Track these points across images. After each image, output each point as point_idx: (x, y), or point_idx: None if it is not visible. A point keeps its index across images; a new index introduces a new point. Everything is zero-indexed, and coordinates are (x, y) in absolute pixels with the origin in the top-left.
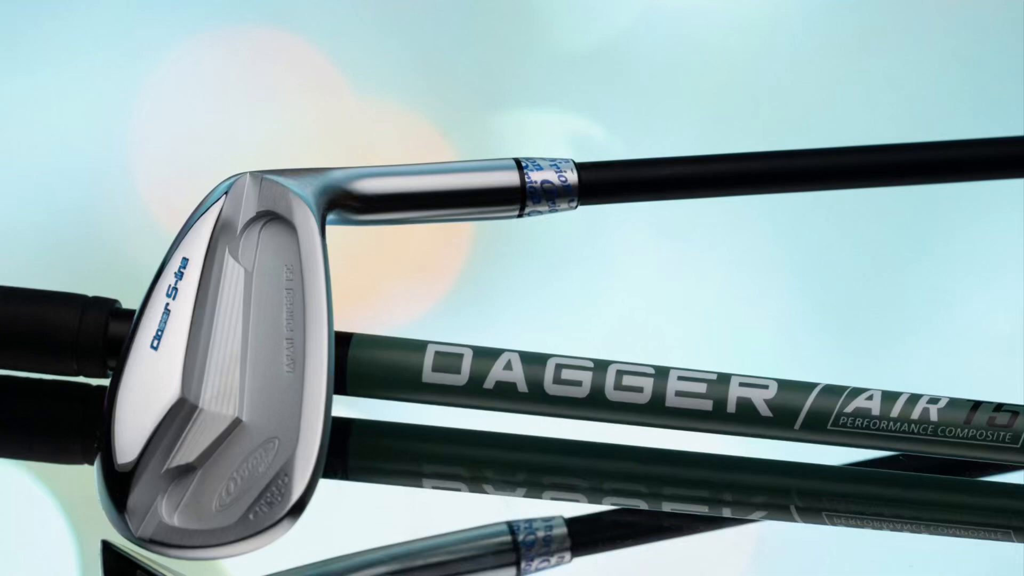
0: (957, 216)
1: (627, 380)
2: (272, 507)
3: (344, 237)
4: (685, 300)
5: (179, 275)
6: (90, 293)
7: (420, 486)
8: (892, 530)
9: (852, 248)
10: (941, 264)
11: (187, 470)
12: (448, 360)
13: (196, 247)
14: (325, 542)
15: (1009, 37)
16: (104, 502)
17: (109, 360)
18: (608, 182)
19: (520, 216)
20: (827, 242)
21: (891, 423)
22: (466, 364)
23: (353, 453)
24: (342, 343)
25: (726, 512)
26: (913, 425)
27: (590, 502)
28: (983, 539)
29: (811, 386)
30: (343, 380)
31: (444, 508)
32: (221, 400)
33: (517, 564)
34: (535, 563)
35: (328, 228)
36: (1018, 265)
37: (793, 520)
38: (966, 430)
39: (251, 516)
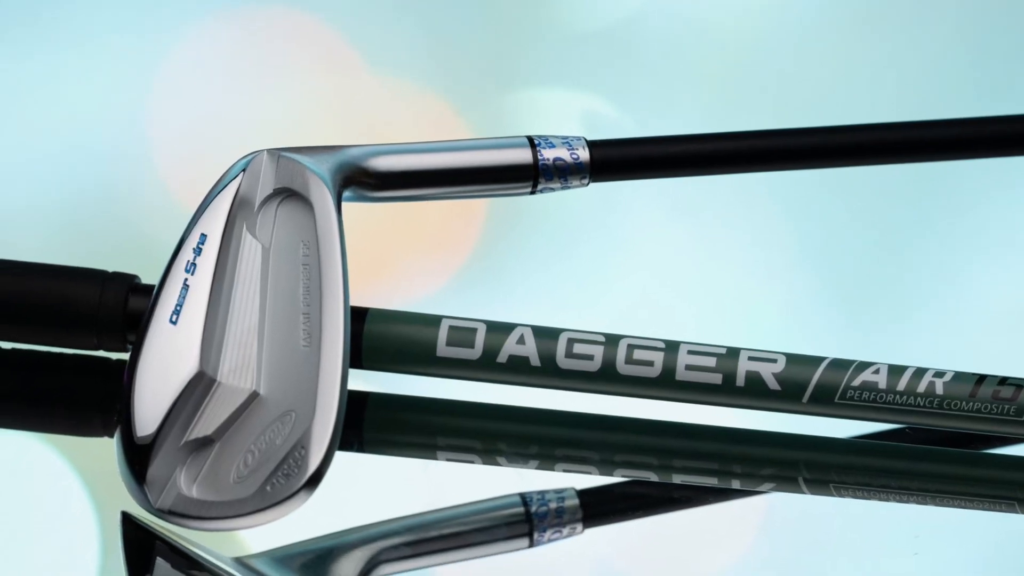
0: (963, 193)
1: (638, 354)
2: (289, 479)
3: (360, 214)
4: (695, 275)
5: (198, 251)
6: (110, 269)
7: (434, 458)
8: (898, 501)
9: (860, 225)
10: (947, 240)
11: (205, 443)
12: (462, 334)
13: (214, 223)
14: (341, 513)
15: (1016, 16)
16: (124, 474)
17: (129, 334)
18: (619, 159)
19: (533, 193)
20: (835, 219)
21: (897, 396)
22: (480, 338)
23: (369, 426)
24: (358, 318)
25: (735, 484)
26: (919, 398)
27: (601, 474)
28: (987, 510)
29: (819, 360)
30: (359, 354)
31: (458, 480)
32: (239, 374)
33: (530, 535)
34: (547, 534)
35: (344, 205)
36: (1023, 242)
37: (801, 492)
38: (971, 403)
39: (268, 488)
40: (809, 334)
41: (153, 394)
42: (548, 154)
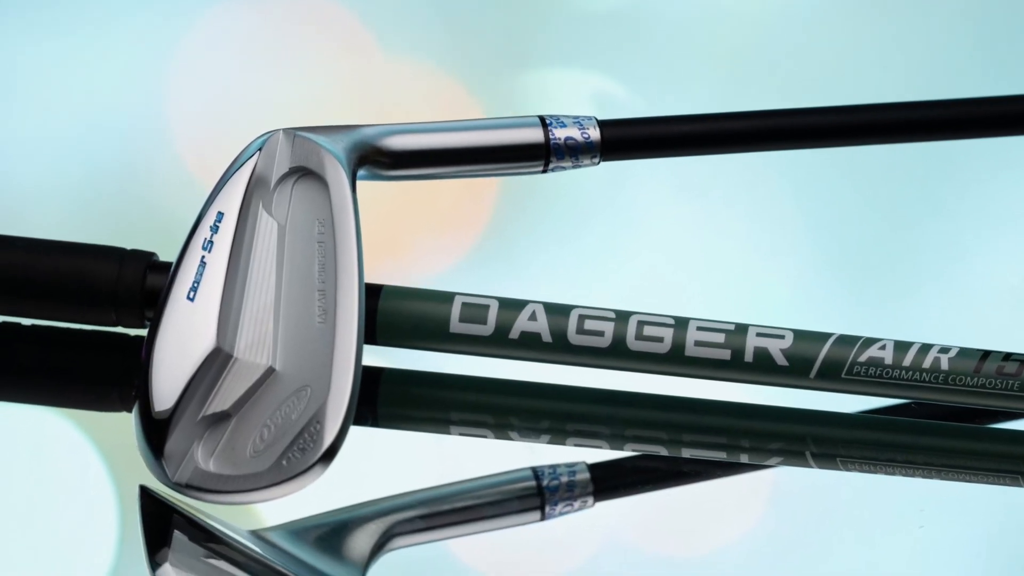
0: (969, 171)
1: (648, 330)
2: (304, 453)
3: (374, 192)
4: (704, 253)
5: (214, 229)
6: (128, 246)
7: (447, 433)
8: (904, 475)
9: (867, 203)
10: (953, 218)
11: (222, 417)
12: (475, 311)
13: (231, 202)
14: (355, 487)
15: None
16: (142, 448)
17: (147, 311)
18: (629, 139)
19: (544, 172)
20: (842, 197)
21: (903, 372)
22: (492, 315)
23: (383, 401)
24: (372, 294)
25: (743, 458)
26: (924, 374)
27: (612, 448)
28: (991, 484)
29: (826, 336)
30: (373, 330)
31: (471, 454)
32: (255, 350)
33: (541, 508)
34: (559, 507)
35: (358, 183)
36: None
37: (808, 466)
38: (976, 379)
39: (284, 462)
40: (816, 310)
41: (171, 370)
42: (559, 133)
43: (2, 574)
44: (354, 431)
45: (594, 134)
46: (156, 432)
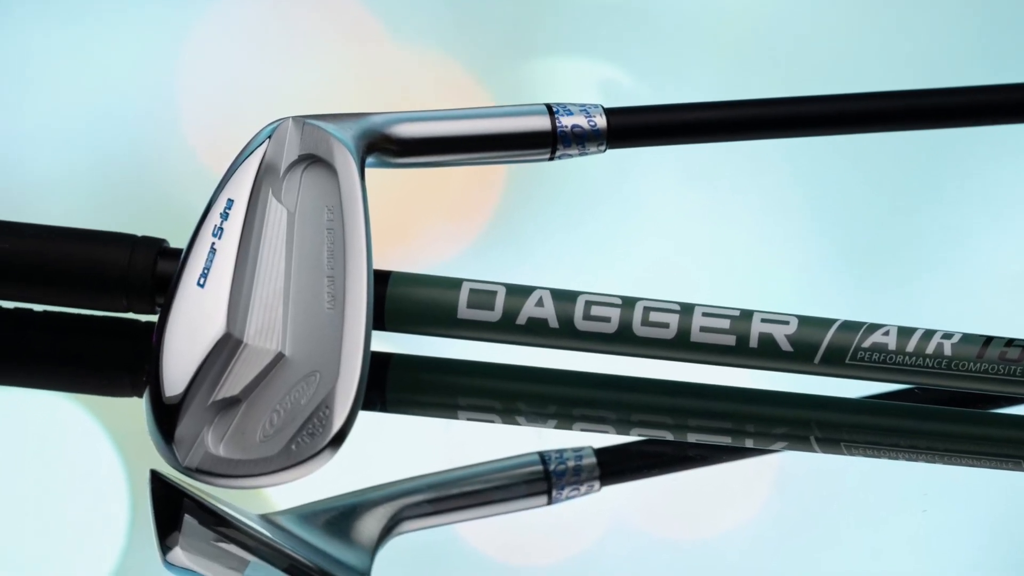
0: (971, 158)
1: (654, 316)
2: (313, 438)
3: (383, 179)
4: (710, 239)
5: (224, 216)
6: (139, 233)
7: (455, 418)
8: (907, 460)
9: (871, 189)
10: (956, 205)
11: (232, 403)
12: (482, 297)
13: (241, 189)
14: (364, 471)
15: None
16: (152, 433)
17: (157, 297)
18: (636, 126)
19: (551, 159)
20: (846, 184)
21: (907, 357)
22: (499, 301)
23: (391, 386)
24: (381, 281)
25: (748, 443)
26: (928, 359)
27: (618, 433)
28: (993, 468)
29: (830, 322)
30: (382, 316)
31: (478, 439)
32: (265, 335)
33: (548, 492)
34: (565, 492)
35: (367, 170)
36: None
37: (812, 450)
38: (978, 364)
39: (293, 447)
40: (820, 297)
41: (181, 355)
42: (566, 121)
43: (13, 558)
44: (363, 416)
45: (600, 122)
46: (167, 417)
